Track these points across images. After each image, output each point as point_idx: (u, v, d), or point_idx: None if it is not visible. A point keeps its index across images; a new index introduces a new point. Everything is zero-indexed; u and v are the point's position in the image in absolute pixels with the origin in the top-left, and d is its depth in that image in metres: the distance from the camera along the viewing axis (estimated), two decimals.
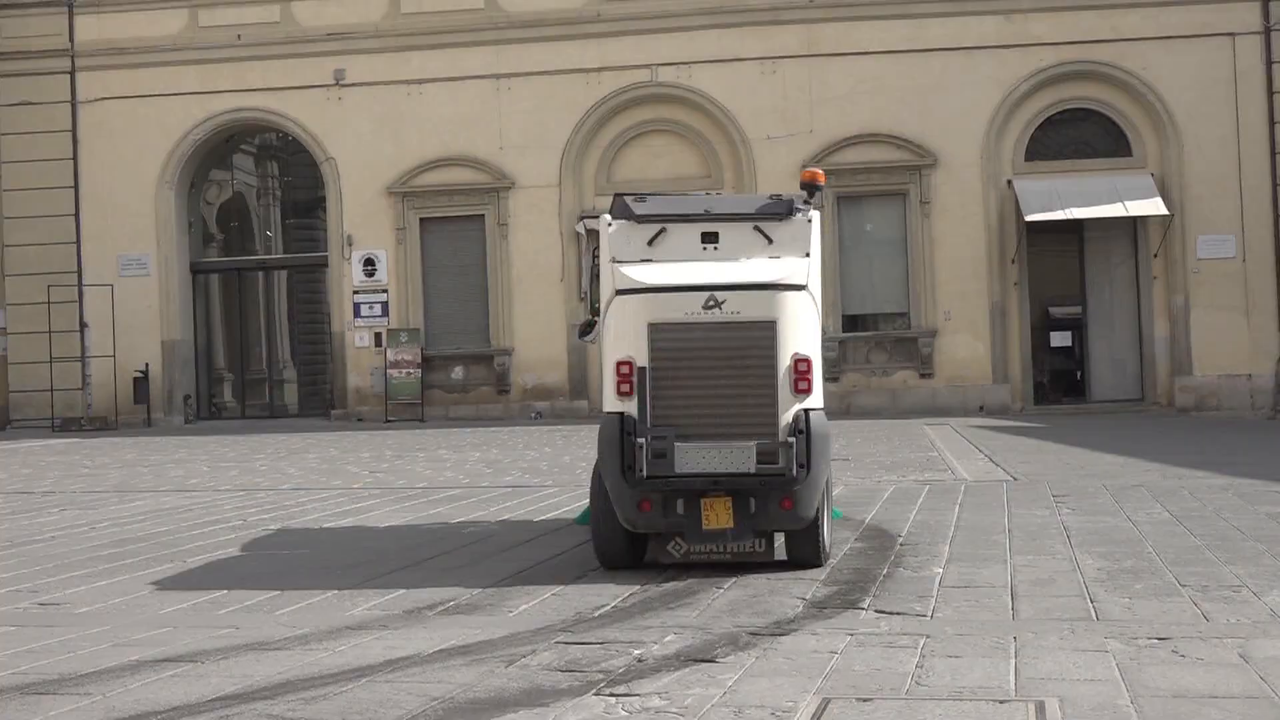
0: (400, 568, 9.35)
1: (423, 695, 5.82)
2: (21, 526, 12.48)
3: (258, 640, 6.98)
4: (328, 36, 32.89)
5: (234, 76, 33.12)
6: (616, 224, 9.12)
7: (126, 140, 33.24)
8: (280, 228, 36.79)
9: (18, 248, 33.51)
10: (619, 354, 8.80)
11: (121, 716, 5.58)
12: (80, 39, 33.59)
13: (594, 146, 32.21)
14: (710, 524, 8.64)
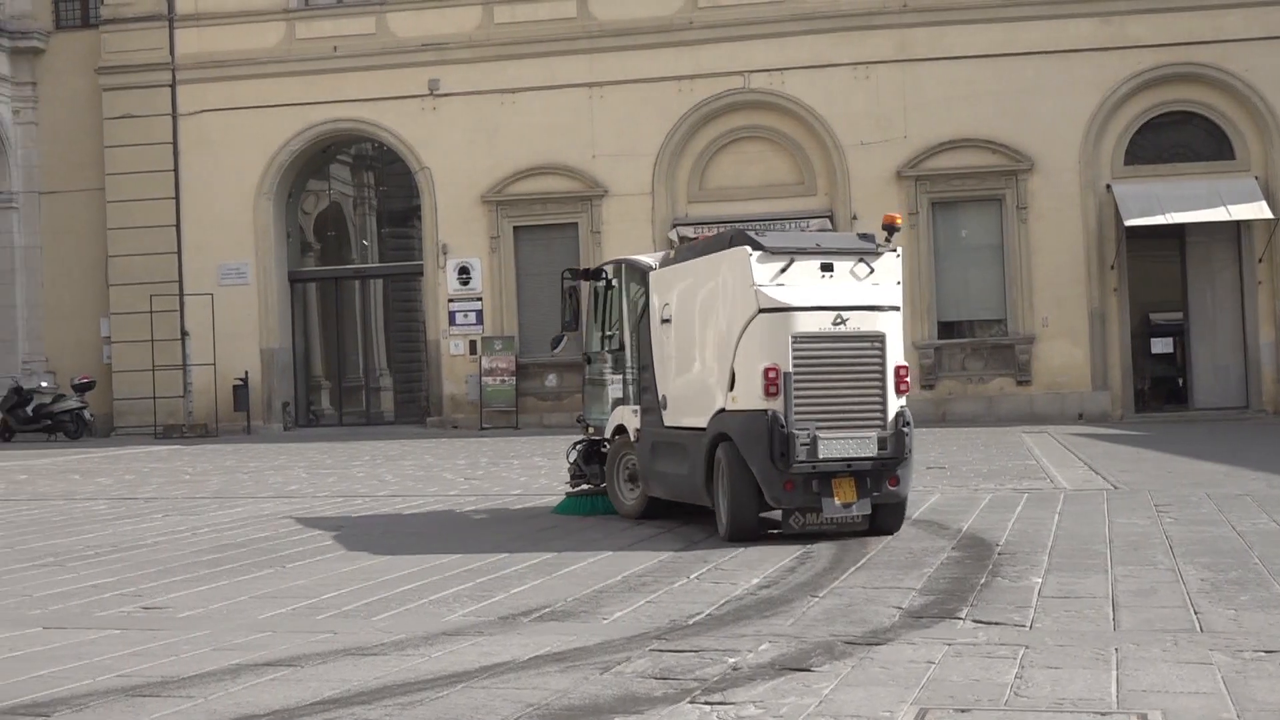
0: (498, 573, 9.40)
1: (518, 701, 5.83)
2: (125, 532, 12.69)
3: (355, 645, 7.04)
4: (422, 47, 33.17)
5: (331, 87, 33.51)
6: (754, 255, 10.69)
7: (226, 152, 33.74)
8: (376, 237, 37.18)
9: (122, 258, 34.13)
10: (766, 361, 10.57)
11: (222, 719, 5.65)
12: (181, 52, 34.15)
13: (686, 154, 32.20)
14: (840, 500, 10.57)
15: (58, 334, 35.49)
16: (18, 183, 35.74)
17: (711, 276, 11.24)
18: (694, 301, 11.55)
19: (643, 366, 12.41)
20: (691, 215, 32.16)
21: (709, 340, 11.29)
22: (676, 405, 11.79)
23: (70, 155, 35.34)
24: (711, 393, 11.12)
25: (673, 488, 11.96)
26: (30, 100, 35.87)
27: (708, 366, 11.30)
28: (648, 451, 12.21)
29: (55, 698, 6.03)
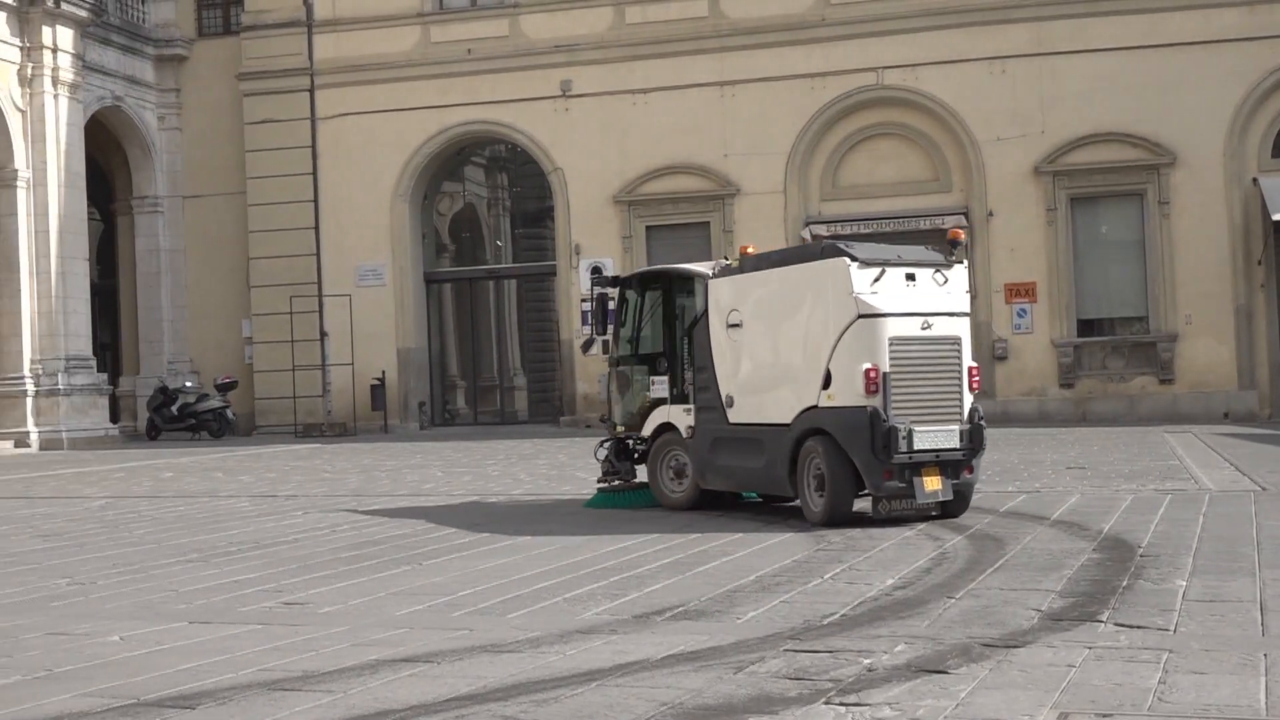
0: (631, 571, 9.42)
1: (652, 700, 5.83)
2: (267, 529, 12.94)
3: (491, 642, 7.09)
4: (555, 48, 33.39)
5: (465, 90, 33.86)
6: (853, 265, 11.62)
7: (363, 154, 34.26)
8: (510, 237, 37.50)
9: (263, 260, 34.82)
10: (866, 362, 11.57)
11: (361, 714, 5.72)
12: (319, 57, 34.74)
13: (819, 152, 32.02)
14: (929, 487, 11.65)
15: (201, 335, 36.32)
16: (162, 187, 36.63)
17: (802, 284, 12.24)
18: (774, 307, 12.54)
19: (699, 368, 13.27)
20: (825, 213, 31.97)
21: (795, 343, 12.28)
22: (747, 403, 12.75)
23: (212, 160, 36.14)
24: (797, 391, 12.13)
25: (740, 479, 13.07)
26: (174, 107, 36.75)
27: (792, 367, 12.28)
28: (706, 447, 13.16)
29: (200, 691, 6.15)
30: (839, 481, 11.73)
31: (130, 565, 10.52)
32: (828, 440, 11.79)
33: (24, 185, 31.84)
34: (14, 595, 9.18)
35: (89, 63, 33.77)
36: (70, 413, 32.29)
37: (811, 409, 11.96)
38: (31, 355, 31.88)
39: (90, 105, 34.12)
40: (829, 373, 11.78)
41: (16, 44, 31.78)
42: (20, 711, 5.79)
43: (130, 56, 35.82)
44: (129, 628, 7.74)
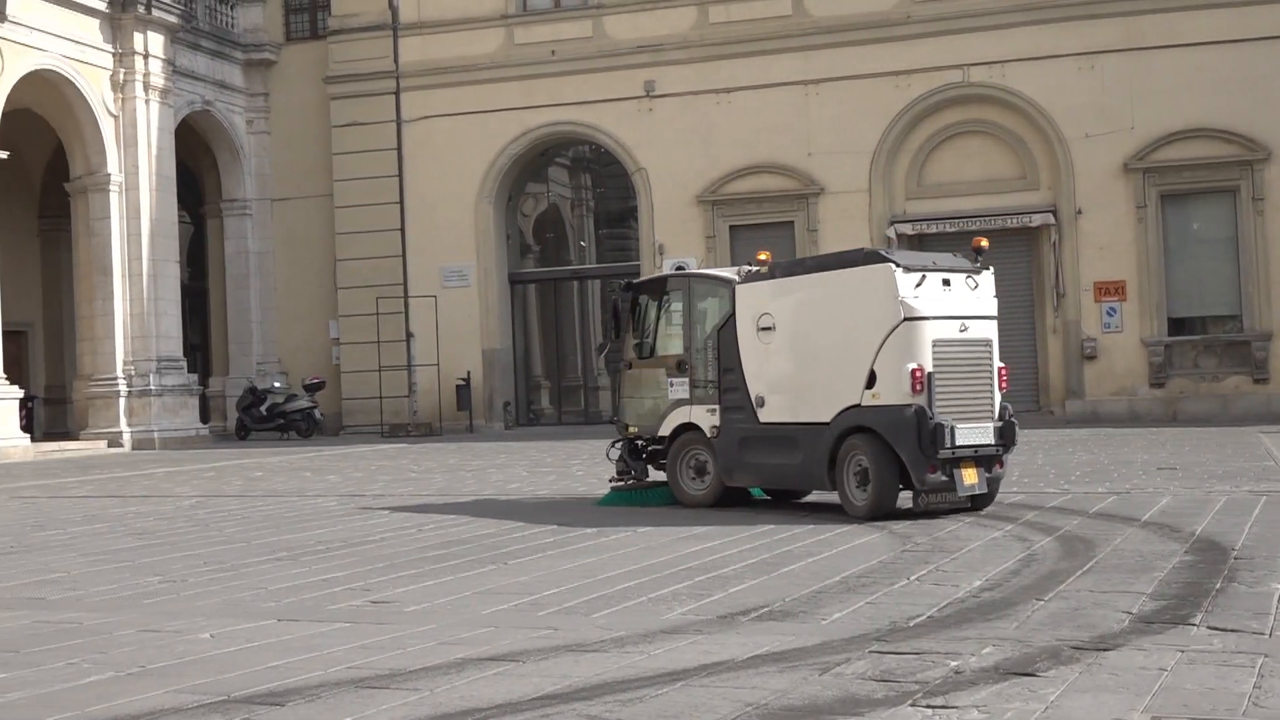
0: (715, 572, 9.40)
1: (737, 701, 5.82)
2: (355, 528, 13.05)
3: (575, 642, 7.11)
4: (638, 49, 33.43)
5: (549, 91, 33.99)
6: (898, 270, 12.20)
7: (448, 156, 34.48)
8: (594, 238, 37.60)
9: (350, 261, 35.16)
10: (912, 363, 12.12)
11: (448, 712, 5.75)
12: (404, 60, 35.02)
13: (904, 150, 31.83)
14: (967, 480, 12.30)
15: (289, 336, 36.74)
16: (251, 190, 37.09)
17: (844, 289, 12.77)
18: (812, 311, 13.05)
19: (726, 370, 13.72)
20: (910, 212, 31.77)
21: (834, 344, 12.76)
22: (780, 403, 13.25)
23: (300, 163, 36.55)
24: (837, 391, 12.67)
25: (771, 476, 13.63)
26: (263, 110, 37.19)
27: (832, 367, 12.77)
28: (734, 445, 13.60)
29: (289, 688, 6.22)
30: (885, 476, 12.26)
31: (220, 563, 10.66)
32: (873, 437, 12.31)
33: (116, 189, 32.37)
34: (108, 592, 9.33)
35: (179, 68, 34.26)
36: (162, 413, 32.79)
37: (854, 408, 12.51)
38: (124, 356, 32.40)
39: (180, 110, 34.63)
40: (873, 373, 12.34)
41: (109, 50, 32.31)
42: (114, 707, 5.88)
43: (219, 61, 36.29)
44: (219, 625, 7.84)
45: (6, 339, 30.60)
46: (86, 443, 31.88)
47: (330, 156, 35.88)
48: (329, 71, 35.89)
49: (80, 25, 31.60)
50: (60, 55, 31.04)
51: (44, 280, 38.02)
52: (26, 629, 7.88)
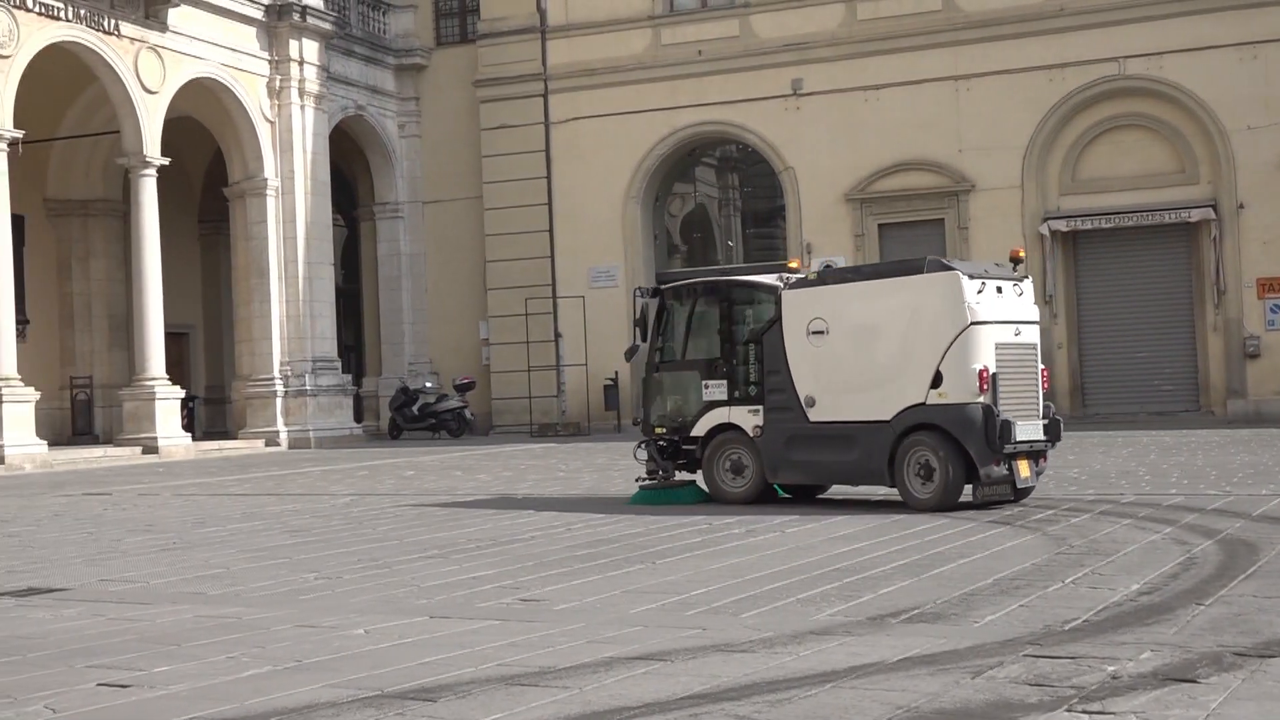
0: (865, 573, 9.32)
1: (887, 703, 5.75)
2: (504, 526, 13.18)
3: (724, 642, 7.09)
4: (785, 47, 33.30)
5: (695, 91, 34.00)
6: (963, 278, 13.05)
7: (595, 157, 34.67)
8: (741, 237, 37.52)
9: (499, 263, 35.54)
10: (978, 364, 12.99)
11: (597, 710, 5.77)
12: (552, 62, 35.29)
13: (1057, 145, 31.28)
14: (1023, 474, 13.24)
15: (440, 336, 37.23)
16: (403, 193, 37.67)
17: (908, 295, 13.48)
18: (871, 315, 13.77)
19: (770, 371, 14.25)
20: (1064, 208, 31.21)
21: (896, 347, 13.47)
22: (832, 403, 13.87)
23: (450, 165, 37.03)
24: (898, 390, 13.38)
25: (822, 473, 14.32)
26: (414, 114, 37.75)
27: (893, 368, 13.47)
28: (781, 444, 14.17)
29: (441, 684, 6.29)
30: (952, 470, 13.02)
31: (374, 561, 10.82)
32: (939, 433, 13.07)
33: (273, 194, 33.10)
34: (266, 588, 9.53)
35: (333, 74, 34.92)
36: (317, 412, 33.45)
37: (917, 406, 13.25)
38: (281, 357, 33.11)
39: (334, 115, 35.29)
40: (939, 373, 13.10)
41: (265, 58, 33.05)
42: (272, 700, 6.00)
43: (372, 67, 36.92)
44: (373, 621, 7.96)
45: (169, 341, 31.46)
46: (244, 442, 32.64)
47: (480, 159, 36.29)
48: (478, 75, 36.30)
49: (238, 34, 32.37)
50: (219, 64, 31.82)
51: (204, 283, 39.03)
52: (188, 623, 8.08)
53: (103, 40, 28.90)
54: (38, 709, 5.90)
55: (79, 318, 34.92)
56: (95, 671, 6.66)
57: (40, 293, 34.00)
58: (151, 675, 6.56)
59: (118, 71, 29.26)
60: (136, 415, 30.01)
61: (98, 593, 9.48)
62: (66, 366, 34.59)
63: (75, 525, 14.80)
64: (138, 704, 5.99)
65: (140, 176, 30.11)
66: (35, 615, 8.51)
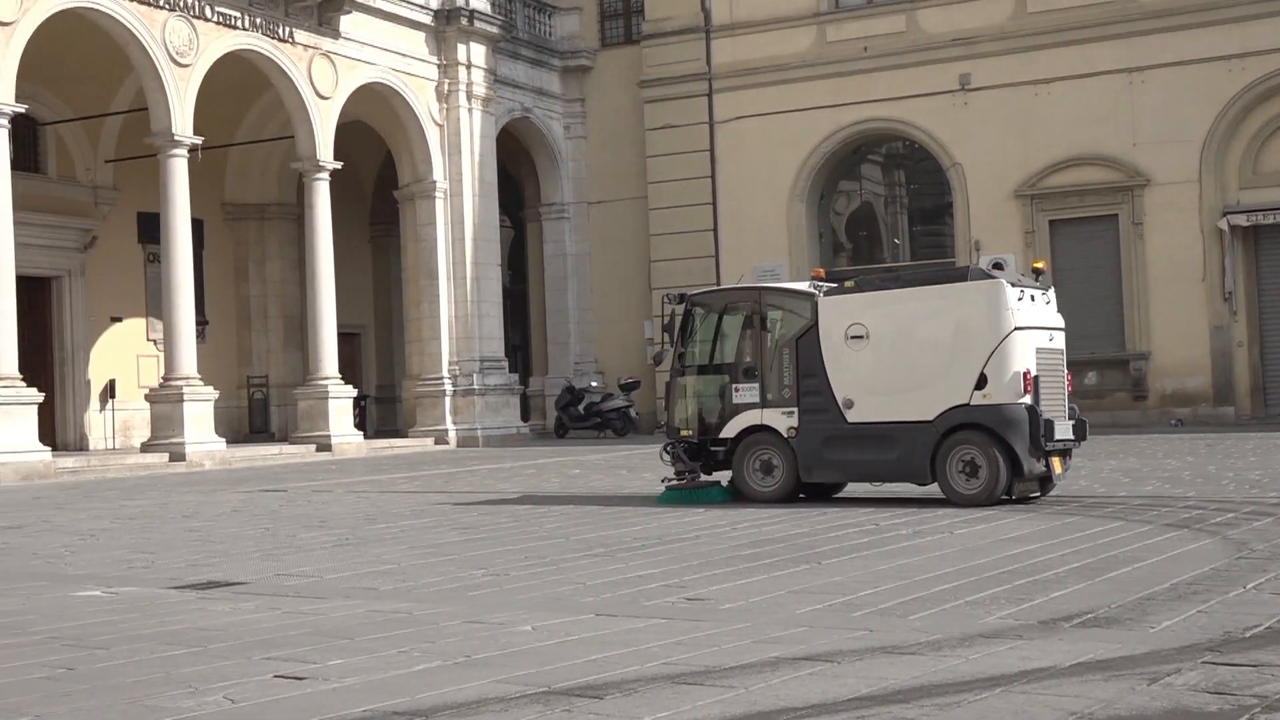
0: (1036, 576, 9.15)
1: (1059, 709, 5.63)
2: (669, 525, 13.20)
3: (891, 644, 7.01)
4: (952, 42, 32.87)
5: (861, 88, 33.74)
6: (1010, 288, 14.03)
7: (759, 156, 34.60)
8: (907, 235, 37.12)
9: (664, 262, 35.65)
10: (1021, 367, 13.88)
11: (762, 710, 5.74)
12: (716, 62, 35.30)
13: (1237, 137, 30.41)
14: (1057, 471, 14.34)
15: (606, 336, 37.47)
16: (568, 194, 37.99)
17: (952, 301, 14.36)
18: (913, 320, 14.55)
19: (805, 375, 14.96)
20: (1244, 202, 30.31)
21: (939, 350, 14.25)
22: (871, 404, 14.59)
23: (614, 166, 37.25)
24: (940, 392, 14.15)
25: (859, 472, 14.97)
26: (579, 116, 38.05)
27: (935, 371, 14.22)
28: (817, 444, 14.87)
29: (607, 681, 6.31)
30: (998, 467, 13.83)
31: (541, 558, 10.92)
32: (984, 432, 13.89)
33: (442, 196, 33.63)
34: (436, 585, 9.67)
35: (500, 77, 35.35)
36: (485, 411, 33.90)
37: (961, 407, 14.05)
38: (449, 357, 33.63)
39: (501, 117, 35.73)
40: (984, 375, 13.91)
41: (434, 62, 33.59)
42: (442, 695, 6.08)
43: (538, 69, 37.30)
44: (540, 618, 8.03)
45: (341, 341, 32.15)
46: (414, 440, 33.21)
47: (644, 159, 36.43)
48: (643, 75, 36.45)
49: (407, 39, 32.95)
50: (389, 68, 32.42)
51: (375, 285, 39.82)
52: (361, 617, 8.24)
53: (277, 48, 29.64)
54: (217, 699, 6.06)
55: (255, 318, 35.89)
56: (271, 663, 6.82)
57: (219, 294, 35.01)
58: (325, 668, 6.70)
59: (292, 78, 29.98)
60: (310, 414, 30.72)
61: (274, 587, 9.71)
62: (244, 366, 35.58)
63: (252, 521, 15.20)
64: (312, 695, 6.12)
65: (314, 180, 30.82)
66: (215, 608, 8.75)
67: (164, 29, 27.09)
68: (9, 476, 23.20)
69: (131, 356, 32.78)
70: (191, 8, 27.63)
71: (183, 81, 27.46)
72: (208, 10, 28.01)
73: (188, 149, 27.62)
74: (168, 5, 27.12)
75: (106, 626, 8.07)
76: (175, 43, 27.31)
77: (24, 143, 29.16)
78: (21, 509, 17.87)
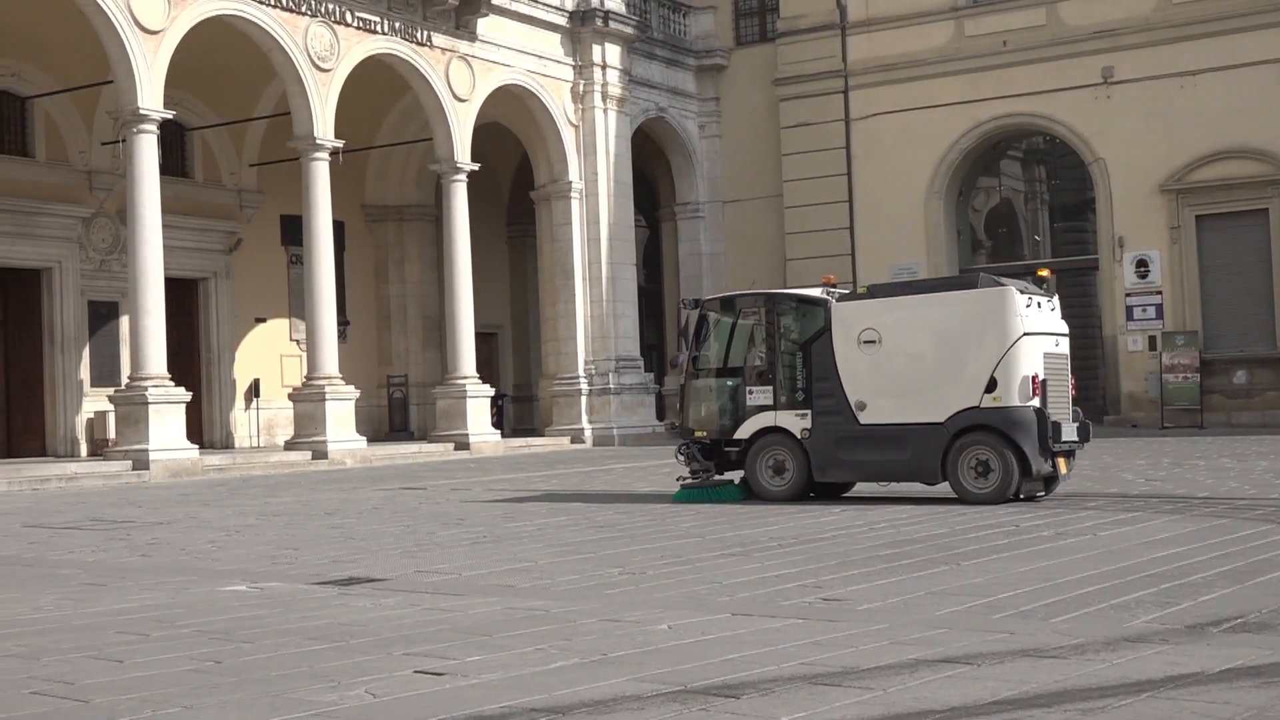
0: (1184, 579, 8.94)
1: (1208, 716, 5.49)
2: (805, 524, 13.14)
3: (1032, 647, 6.89)
4: (1094, 35, 32.29)
5: (999, 83, 33.29)
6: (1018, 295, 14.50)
7: (896, 153, 34.29)
8: (1048, 231, 36.55)
9: (799, 261, 35.49)
10: (1029, 371, 14.42)
11: (900, 712, 5.68)
12: (852, 59, 35.06)
13: None
14: (1063, 470, 14.86)
15: None
16: (703, 193, 37.99)
17: (964, 308, 14.88)
18: (925, 326, 15.09)
19: (819, 378, 15.48)
20: None
21: (951, 354, 14.82)
22: (883, 406, 15.12)
23: (749, 165, 37.17)
24: (952, 394, 14.72)
25: (871, 471, 15.47)
26: (714, 115, 38.03)
27: (947, 374, 14.80)
28: (830, 445, 15.40)
29: (743, 681, 6.29)
30: (1010, 467, 14.36)
31: (677, 557, 10.92)
32: (994, 434, 14.42)
33: (577, 196, 33.82)
34: (573, 582, 9.72)
35: (635, 77, 35.46)
36: (620, 410, 34.02)
37: (971, 409, 14.58)
38: (585, 356, 33.80)
39: (636, 117, 35.83)
40: (994, 379, 14.43)
41: (570, 63, 33.80)
42: (578, 692, 6.11)
43: (673, 69, 37.34)
44: (676, 617, 8.03)
45: (479, 340, 32.49)
46: (550, 439, 33.45)
47: (779, 157, 36.30)
48: (778, 73, 36.33)
49: (543, 40, 33.19)
50: (525, 70, 32.68)
51: (511, 284, 40.17)
52: (499, 614, 8.31)
53: (416, 51, 30.03)
54: (359, 693, 6.15)
55: (395, 319, 36.40)
56: (412, 659, 6.90)
57: (359, 295, 35.57)
58: (464, 664, 6.76)
59: (430, 81, 30.36)
60: (449, 413, 31.08)
61: (413, 583, 9.84)
62: (384, 365, 36.10)
63: (392, 518, 15.41)
64: (452, 691, 6.18)
65: (451, 182, 31.17)
66: (356, 604, 8.88)
67: (306, 34, 27.59)
68: (159, 473, 23.80)
69: (275, 356, 33.44)
70: (332, 13, 28.11)
71: (324, 86, 27.95)
72: (348, 15, 28.47)
73: (329, 152, 28.10)
74: (309, 11, 27.62)
75: (251, 621, 8.23)
76: (317, 48, 27.80)
77: (172, 148, 29.87)
78: (170, 505, 18.33)
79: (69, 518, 16.52)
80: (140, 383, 24.39)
